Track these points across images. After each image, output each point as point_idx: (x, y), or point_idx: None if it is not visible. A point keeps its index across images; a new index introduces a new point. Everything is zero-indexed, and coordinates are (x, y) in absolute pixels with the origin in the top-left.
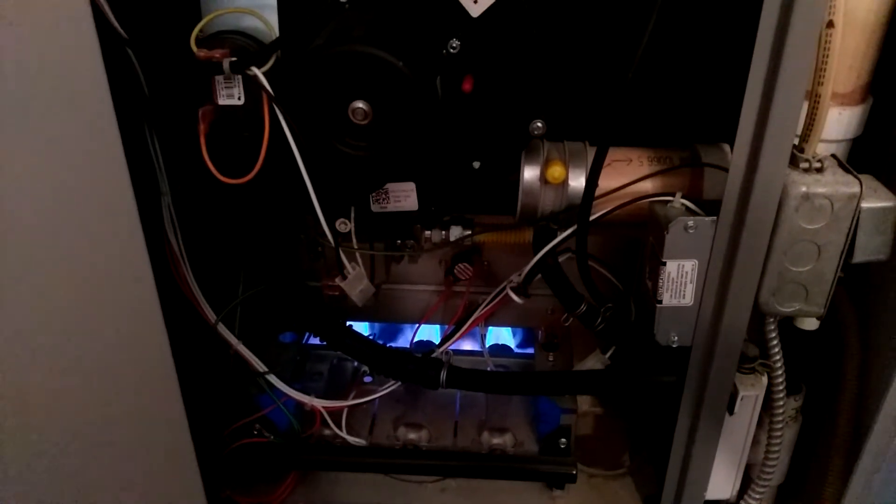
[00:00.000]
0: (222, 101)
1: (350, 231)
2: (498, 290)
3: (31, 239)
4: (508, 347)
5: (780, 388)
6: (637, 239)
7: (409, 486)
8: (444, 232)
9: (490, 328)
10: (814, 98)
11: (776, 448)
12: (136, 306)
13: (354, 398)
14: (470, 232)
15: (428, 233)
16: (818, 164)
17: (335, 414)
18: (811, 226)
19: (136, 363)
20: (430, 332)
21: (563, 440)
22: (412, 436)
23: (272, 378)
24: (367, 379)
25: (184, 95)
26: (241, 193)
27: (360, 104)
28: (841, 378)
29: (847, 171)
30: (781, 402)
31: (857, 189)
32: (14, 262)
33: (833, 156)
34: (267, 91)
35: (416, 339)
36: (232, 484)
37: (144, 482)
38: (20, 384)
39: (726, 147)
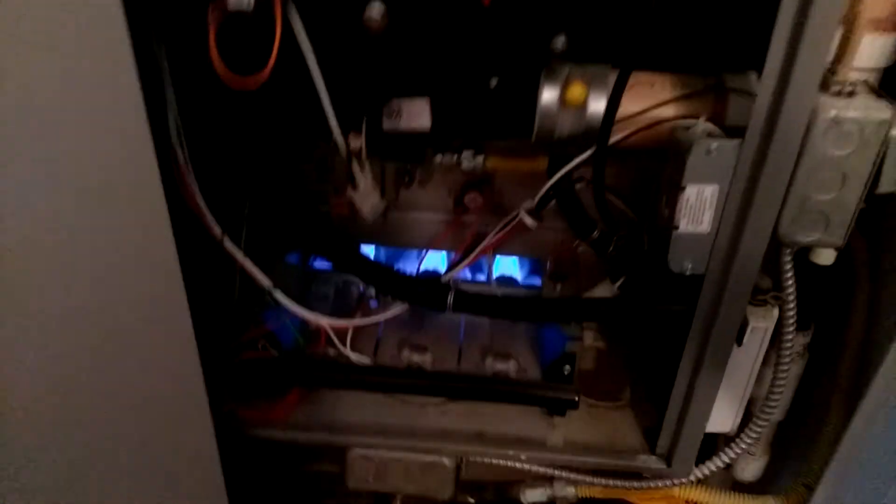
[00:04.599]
0: (232, 2)
1: (361, 147)
2: (511, 215)
3: (36, 152)
4: (514, 279)
5: (791, 321)
6: (651, 170)
7: (411, 407)
8: (455, 156)
9: (497, 260)
10: (849, 20)
11: (781, 384)
12: (144, 218)
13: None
14: (482, 156)
15: (439, 156)
16: (850, 89)
17: (340, 334)
18: (838, 152)
19: (144, 276)
20: (436, 263)
21: (567, 367)
22: (416, 358)
23: (278, 294)
24: (373, 303)
25: None
26: (250, 103)
27: (375, 10)
28: (849, 316)
29: (880, 96)
30: (791, 337)
31: (888, 115)
32: (20, 174)
33: (865, 81)
34: None
35: (422, 269)
36: (236, 398)
37: (148, 394)
38: (25, 291)
39: (753, 75)
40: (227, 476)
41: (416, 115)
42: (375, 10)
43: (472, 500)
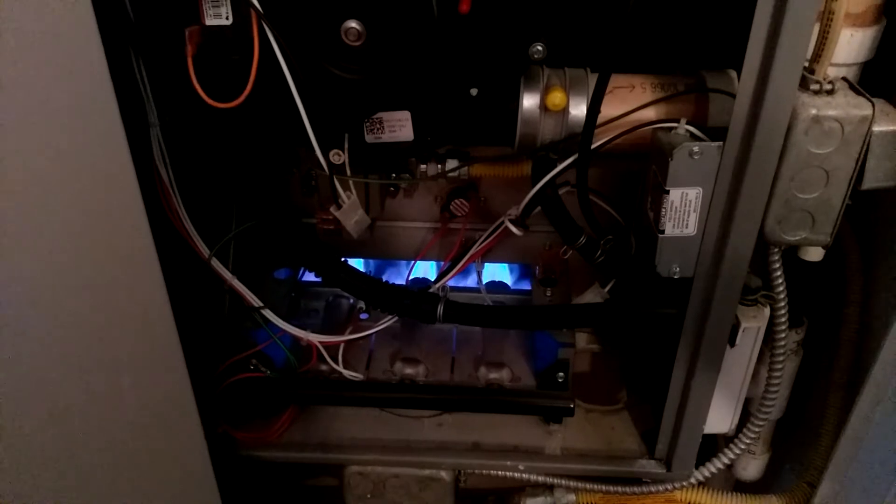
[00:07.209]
0: (209, 21)
1: (344, 162)
2: (497, 223)
3: (16, 179)
4: (505, 284)
5: (783, 320)
6: (637, 172)
7: (406, 421)
8: (440, 165)
9: (486, 265)
10: (826, 16)
11: (776, 381)
12: (128, 242)
13: (351, 334)
14: (466, 164)
15: (423, 166)
16: (829, 86)
17: (332, 350)
18: (820, 150)
19: (130, 300)
20: (426, 271)
21: (561, 374)
22: (409, 371)
23: (268, 313)
24: (364, 316)
25: (170, 15)
26: (232, 122)
27: (352, 23)
28: (842, 311)
29: (859, 93)
30: (783, 335)
31: (868, 112)
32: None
33: (844, 78)
34: (255, 8)
35: (411, 277)
36: (229, 419)
37: (141, 418)
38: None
39: (733, 73)
40: (225, 497)
41: (399, 127)
42: (354, 20)
43: None
